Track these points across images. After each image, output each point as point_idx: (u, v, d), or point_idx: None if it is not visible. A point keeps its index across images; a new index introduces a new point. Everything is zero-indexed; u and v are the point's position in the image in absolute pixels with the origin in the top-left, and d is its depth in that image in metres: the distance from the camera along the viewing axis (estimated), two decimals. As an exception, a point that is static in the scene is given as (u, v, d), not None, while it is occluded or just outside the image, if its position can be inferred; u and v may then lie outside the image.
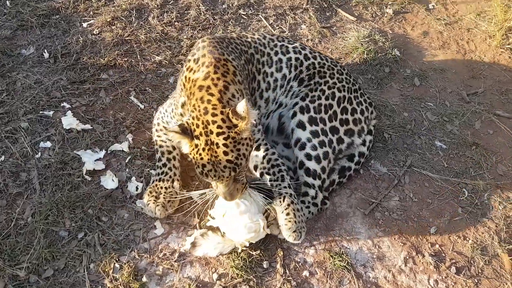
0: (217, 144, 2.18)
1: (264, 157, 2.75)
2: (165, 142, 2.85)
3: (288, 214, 2.48)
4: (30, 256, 2.44)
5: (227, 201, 2.37)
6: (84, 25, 3.78)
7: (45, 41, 3.58)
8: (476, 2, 4.88)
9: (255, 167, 2.78)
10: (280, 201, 2.54)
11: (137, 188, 2.80)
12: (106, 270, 2.46)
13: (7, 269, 2.37)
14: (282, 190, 2.58)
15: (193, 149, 2.25)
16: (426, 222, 2.92)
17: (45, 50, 3.47)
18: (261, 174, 2.73)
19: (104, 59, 3.47)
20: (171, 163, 2.78)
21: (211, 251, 2.55)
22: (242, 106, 2.17)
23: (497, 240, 2.85)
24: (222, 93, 2.31)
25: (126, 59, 3.55)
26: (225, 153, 2.18)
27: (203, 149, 2.20)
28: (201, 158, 2.22)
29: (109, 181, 2.80)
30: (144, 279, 2.46)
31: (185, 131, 2.24)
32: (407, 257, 2.72)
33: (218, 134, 2.18)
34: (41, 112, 3.05)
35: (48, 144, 2.91)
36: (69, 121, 2.99)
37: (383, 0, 4.67)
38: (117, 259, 2.51)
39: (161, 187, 2.70)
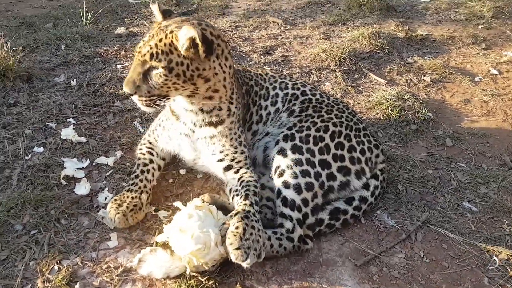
0: (171, 31, 2.21)
1: (238, 179, 2.54)
2: (144, 154, 2.75)
3: (237, 228, 2.11)
4: (-23, 241, 2.33)
5: (124, 87, 2.29)
6: (118, 66, 4.09)
7: (79, 74, 3.90)
8: (533, 79, 4.45)
9: (230, 190, 2.55)
10: (232, 216, 2.21)
11: (105, 199, 2.65)
12: (43, 270, 2.23)
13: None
14: (241, 205, 2.27)
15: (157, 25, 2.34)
16: None
17: (74, 79, 3.77)
18: (233, 197, 2.48)
19: (122, 90, 3.63)
20: (143, 175, 2.64)
21: (156, 270, 2.20)
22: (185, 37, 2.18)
23: (535, 324, 2.10)
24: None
25: (143, 93, 3.68)
26: (160, 40, 2.20)
27: (161, 29, 2.25)
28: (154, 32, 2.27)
29: (82, 188, 2.70)
30: (77, 286, 2.16)
31: (167, 12, 2.43)
32: (403, 323, 2.10)
33: (177, 27, 2.22)
34: (46, 123, 3.19)
35: (41, 149, 2.96)
36: (67, 132, 3.07)
37: (421, 69, 4.48)
38: (58, 261, 2.28)
39: (127, 196, 2.52)
